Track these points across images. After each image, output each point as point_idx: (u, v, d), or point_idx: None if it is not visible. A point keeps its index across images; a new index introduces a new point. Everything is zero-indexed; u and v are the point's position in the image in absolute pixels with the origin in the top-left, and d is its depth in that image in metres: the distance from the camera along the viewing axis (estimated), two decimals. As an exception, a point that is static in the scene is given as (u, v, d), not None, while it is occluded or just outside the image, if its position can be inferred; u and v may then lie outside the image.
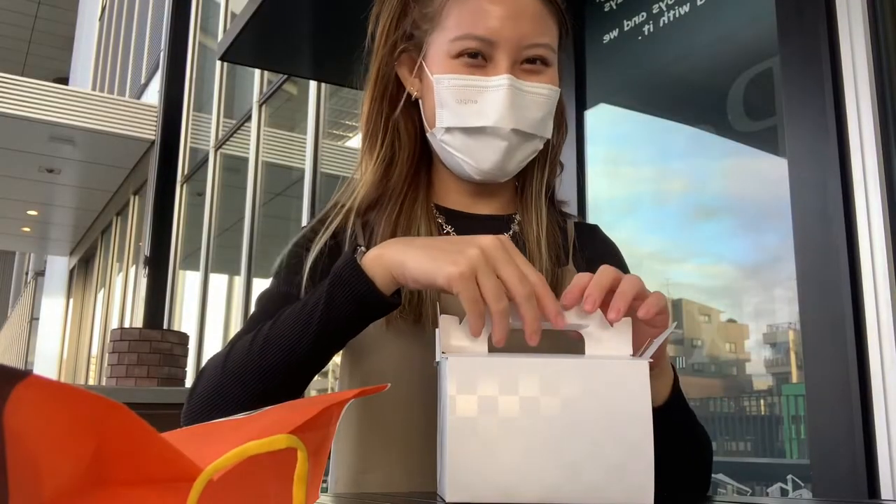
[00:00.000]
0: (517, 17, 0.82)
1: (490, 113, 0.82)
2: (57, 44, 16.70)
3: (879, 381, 1.56)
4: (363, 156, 0.91)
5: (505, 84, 0.81)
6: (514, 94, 0.82)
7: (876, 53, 1.69)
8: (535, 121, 0.84)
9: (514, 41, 0.82)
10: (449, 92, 0.83)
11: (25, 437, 0.20)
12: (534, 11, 0.83)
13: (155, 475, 0.22)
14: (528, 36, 0.82)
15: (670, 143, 2.42)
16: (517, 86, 0.82)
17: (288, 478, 0.28)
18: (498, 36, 0.81)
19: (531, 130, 0.84)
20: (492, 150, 0.83)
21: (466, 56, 0.82)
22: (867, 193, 1.63)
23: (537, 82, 0.84)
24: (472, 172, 0.86)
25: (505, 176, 0.87)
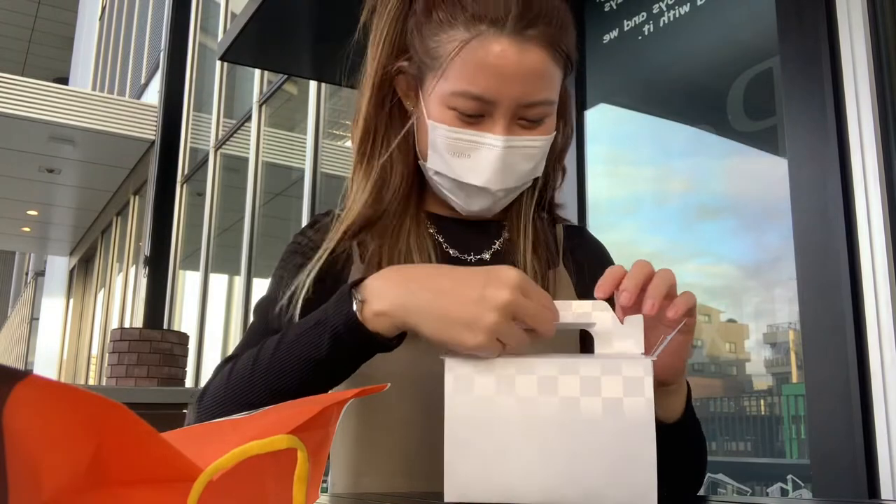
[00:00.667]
0: (520, 78, 0.79)
1: (481, 172, 0.81)
2: (57, 44, 16.70)
3: (879, 381, 1.56)
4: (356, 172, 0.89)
5: (500, 146, 0.80)
6: (507, 154, 0.81)
7: (876, 53, 1.69)
8: (524, 173, 0.84)
9: (514, 100, 0.79)
10: (442, 141, 0.81)
11: (25, 437, 0.20)
12: (539, 69, 0.80)
13: (155, 475, 0.22)
14: (529, 94, 0.80)
15: (670, 143, 2.42)
16: (511, 144, 0.81)
17: (287, 478, 0.28)
18: (498, 97, 0.79)
19: (519, 183, 0.84)
20: (482, 200, 0.84)
21: (462, 113, 0.80)
22: (867, 193, 1.63)
23: (534, 135, 0.82)
24: (460, 210, 0.87)
25: (492, 215, 0.89)
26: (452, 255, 0.89)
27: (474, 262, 0.89)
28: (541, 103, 0.81)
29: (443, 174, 0.84)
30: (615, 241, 1.05)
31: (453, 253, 0.89)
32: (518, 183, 0.84)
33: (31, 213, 11.12)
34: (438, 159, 0.83)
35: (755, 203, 2.10)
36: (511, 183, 0.83)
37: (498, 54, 0.77)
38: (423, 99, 0.84)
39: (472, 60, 0.78)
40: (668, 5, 2.32)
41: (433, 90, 0.82)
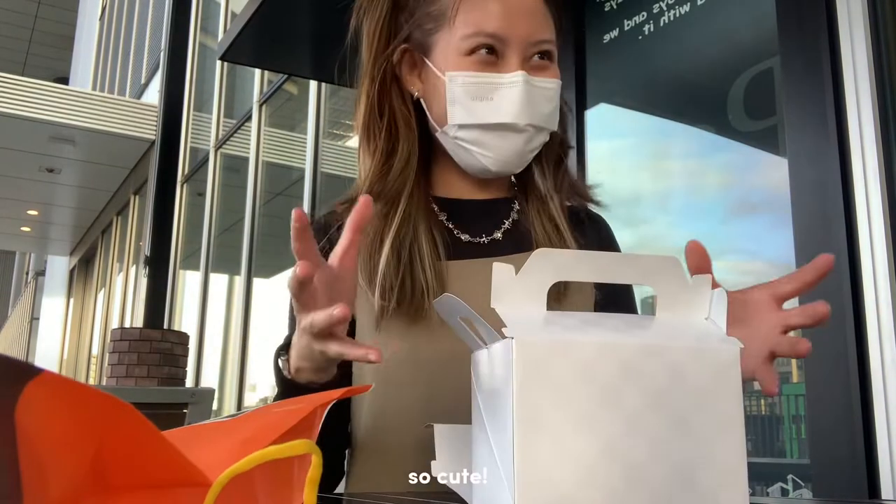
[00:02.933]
0: (524, 15, 0.84)
1: (507, 109, 0.83)
2: (57, 44, 16.69)
3: (879, 381, 1.56)
4: (361, 154, 0.91)
5: (520, 81, 0.83)
6: (528, 90, 0.83)
7: (876, 53, 1.69)
8: (546, 115, 0.86)
9: (523, 38, 0.83)
10: (463, 89, 0.84)
11: (36, 435, 0.20)
12: (537, 9, 0.85)
13: (158, 480, 0.22)
14: (535, 32, 0.84)
15: (670, 142, 2.42)
16: (531, 82, 0.83)
17: (284, 482, 0.28)
18: (508, 33, 0.83)
19: (544, 124, 0.86)
20: (510, 142, 0.85)
21: (481, 52, 0.83)
22: (867, 193, 1.63)
23: (545, 77, 0.86)
24: (490, 165, 0.86)
25: (521, 166, 0.89)
26: (464, 239, 0.90)
27: (487, 244, 0.90)
28: (546, 41, 0.85)
29: (467, 125, 0.85)
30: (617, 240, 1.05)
31: (465, 238, 0.90)
32: (542, 122, 0.86)
33: (32, 212, 11.12)
34: (461, 110, 0.85)
35: (755, 202, 2.10)
36: (536, 119, 0.84)
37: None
38: (436, 65, 0.86)
39: (475, 5, 0.84)
40: (668, 5, 2.32)
41: (444, 46, 0.85)
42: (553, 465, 0.49)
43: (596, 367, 0.51)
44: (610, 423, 0.50)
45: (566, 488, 0.49)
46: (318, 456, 0.24)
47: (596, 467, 0.50)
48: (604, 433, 0.50)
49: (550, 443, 0.50)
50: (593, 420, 0.50)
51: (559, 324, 0.53)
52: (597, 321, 0.54)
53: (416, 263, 0.84)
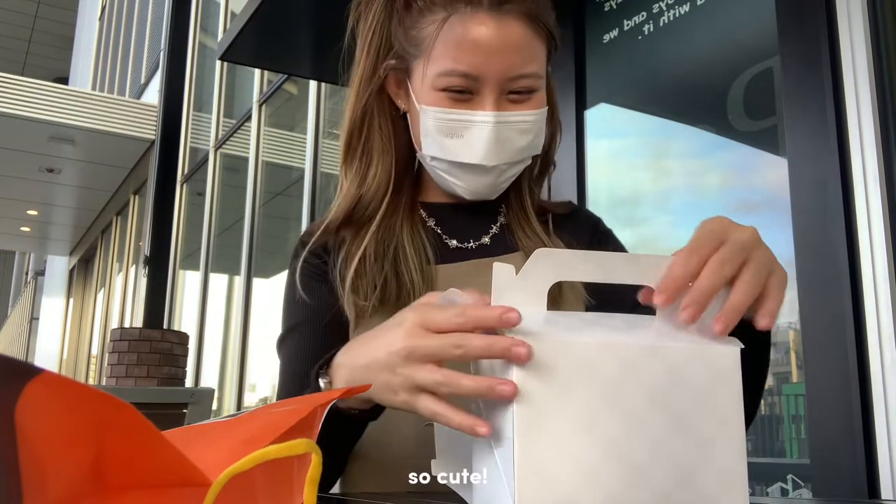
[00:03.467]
0: (503, 51, 0.79)
1: (476, 150, 0.81)
2: (57, 44, 16.69)
3: (879, 381, 1.56)
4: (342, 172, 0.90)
5: (490, 122, 0.80)
6: (499, 130, 0.81)
7: (876, 53, 1.69)
8: (520, 148, 0.84)
9: (499, 75, 0.80)
10: (434, 124, 0.82)
11: (36, 435, 0.20)
12: (520, 41, 0.80)
13: (158, 480, 0.22)
14: (514, 67, 0.80)
15: (670, 142, 2.42)
16: (502, 120, 0.81)
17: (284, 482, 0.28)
18: (483, 71, 0.79)
19: (517, 158, 0.84)
20: (481, 179, 0.84)
21: (451, 91, 0.81)
22: (867, 193, 1.63)
23: (523, 110, 0.83)
24: (463, 193, 0.86)
25: (496, 194, 0.88)
26: (451, 245, 0.90)
27: (475, 249, 0.90)
28: (526, 76, 0.81)
29: (439, 158, 0.84)
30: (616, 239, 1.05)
31: (452, 244, 0.90)
32: (515, 158, 0.84)
33: (32, 212, 11.12)
34: (432, 143, 0.84)
35: (754, 202, 2.10)
36: (507, 158, 0.83)
37: (477, 29, 0.78)
38: (413, 91, 0.85)
39: (452, 39, 0.79)
40: (668, 5, 2.32)
41: (421, 77, 0.83)
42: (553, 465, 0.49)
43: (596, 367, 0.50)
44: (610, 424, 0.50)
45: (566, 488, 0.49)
46: (317, 455, 0.24)
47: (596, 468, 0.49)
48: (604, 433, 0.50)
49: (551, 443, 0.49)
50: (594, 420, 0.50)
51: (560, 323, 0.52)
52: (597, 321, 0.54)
53: (401, 265, 0.84)
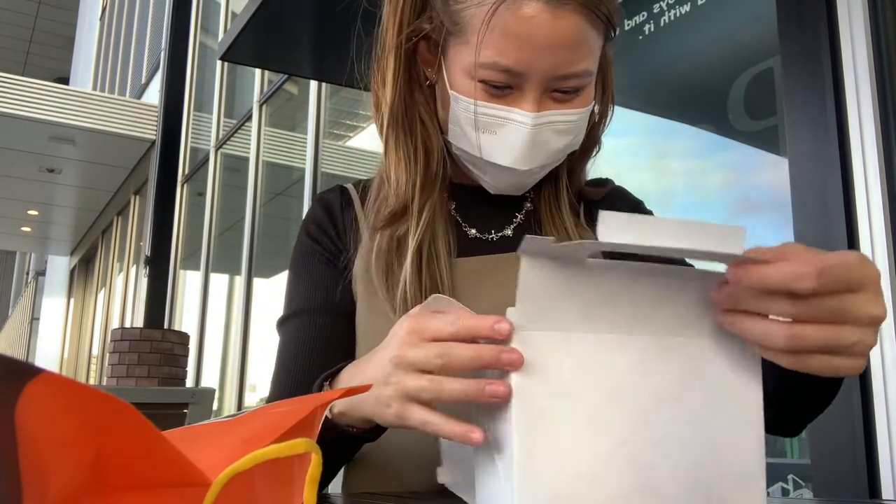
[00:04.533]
0: (555, 48, 0.69)
1: (508, 152, 0.74)
2: (57, 44, 16.69)
3: (880, 381, 1.56)
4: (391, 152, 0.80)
5: (529, 123, 0.72)
6: (537, 132, 0.73)
7: (877, 52, 1.69)
8: (557, 150, 0.76)
9: (546, 73, 0.70)
10: (466, 115, 0.74)
11: (36, 435, 0.20)
12: (575, 37, 0.70)
13: (158, 480, 0.22)
14: (564, 66, 0.71)
15: (670, 142, 2.42)
16: (542, 121, 0.73)
17: (284, 481, 0.28)
18: (529, 68, 0.70)
19: (551, 160, 0.77)
20: (508, 178, 0.77)
21: (490, 84, 0.72)
22: (868, 193, 1.63)
23: (568, 109, 0.74)
24: (488, 188, 0.80)
25: (522, 191, 0.82)
26: (470, 235, 0.83)
27: (496, 241, 0.83)
28: (577, 75, 0.72)
29: (465, 150, 0.77)
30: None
31: (471, 233, 0.84)
32: (549, 160, 0.77)
33: (32, 212, 11.12)
34: (461, 134, 0.76)
35: (754, 201, 2.10)
36: (540, 161, 0.75)
37: (530, 21, 0.68)
38: (446, 67, 0.76)
39: (500, 28, 0.69)
40: (668, 5, 2.32)
41: (456, 59, 0.74)
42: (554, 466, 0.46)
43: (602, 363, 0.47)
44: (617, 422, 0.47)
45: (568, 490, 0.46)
46: (317, 455, 0.24)
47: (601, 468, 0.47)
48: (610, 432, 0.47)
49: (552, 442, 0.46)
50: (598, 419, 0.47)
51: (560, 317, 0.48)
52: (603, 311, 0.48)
53: (433, 265, 0.78)
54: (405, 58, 0.78)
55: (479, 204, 0.84)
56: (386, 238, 0.80)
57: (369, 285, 0.81)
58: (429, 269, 0.78)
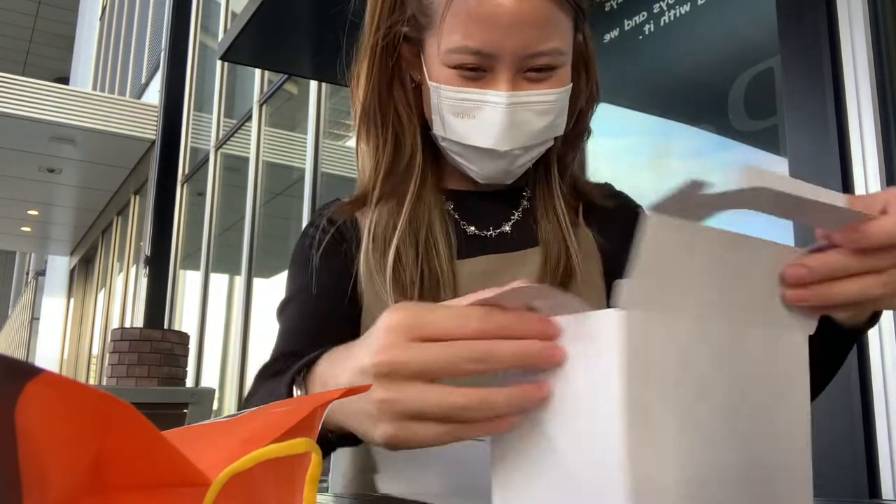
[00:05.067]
0: (519, 26, 0.71)
1: (487, 134, 0.75)
2: (57, 44, 16.69)
3: (880, 381, 1.56)
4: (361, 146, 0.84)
5: (503, 103, 0.74)
6: (513, 112, 0.74)
7: (877, 53, 1.69)
8: (539, 131, 0.77)
9: (515, 53, 0.72)
10: (445, 104, 0.76)
11: (35, 435, 0.20)
12: (539, 15, 0.72)
13: (158, 480, 0.22)
14: (532, 44, 0.72)
15: (670, 142, 2.42)
16: (517, 100, 0.74)
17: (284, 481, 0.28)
18: (497, 49, 0.72)
19: (534, 142, 0.77)
20: (493, 163, 0.78)
21: (463, 69, 0.74)
22: (867, 193, 1.63)
23: (543, 89, 0.75)
24: (477, 177, 0.80)
25: (512, 179, 0.81)
26: (469, 232, 0.84)
27: (494, 237, 0.84)
28: (545, 53, 0.73)
29: (449, 139, 0.78)
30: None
31: (470, 230, 0.84)
32: (533, 141, 0.77)
33: (32, 212, 11.13)
34: (443, 123, 0.78)
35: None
36: (522, 142, 0.76)
37: (492, 2, 0.71)
38: (425, 63, 0.79)
39: (464, 11, 0.72)
40: (668, 5, 2.32)
41: (431, 51, 0.77)
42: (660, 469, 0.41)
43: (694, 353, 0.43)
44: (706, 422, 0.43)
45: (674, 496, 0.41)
46: (317, 455, 0.24)
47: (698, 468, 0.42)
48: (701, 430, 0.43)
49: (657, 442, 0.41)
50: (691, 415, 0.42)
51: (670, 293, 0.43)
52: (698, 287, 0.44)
53: (433, 257, 0.78)
54: (380, 56, 0.80)
55: (476, 204, 0.85)
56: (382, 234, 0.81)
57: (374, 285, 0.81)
58: (428, 263, 0.78)
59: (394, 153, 0.82)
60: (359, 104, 0.82)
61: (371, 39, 0.81)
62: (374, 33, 0.80)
